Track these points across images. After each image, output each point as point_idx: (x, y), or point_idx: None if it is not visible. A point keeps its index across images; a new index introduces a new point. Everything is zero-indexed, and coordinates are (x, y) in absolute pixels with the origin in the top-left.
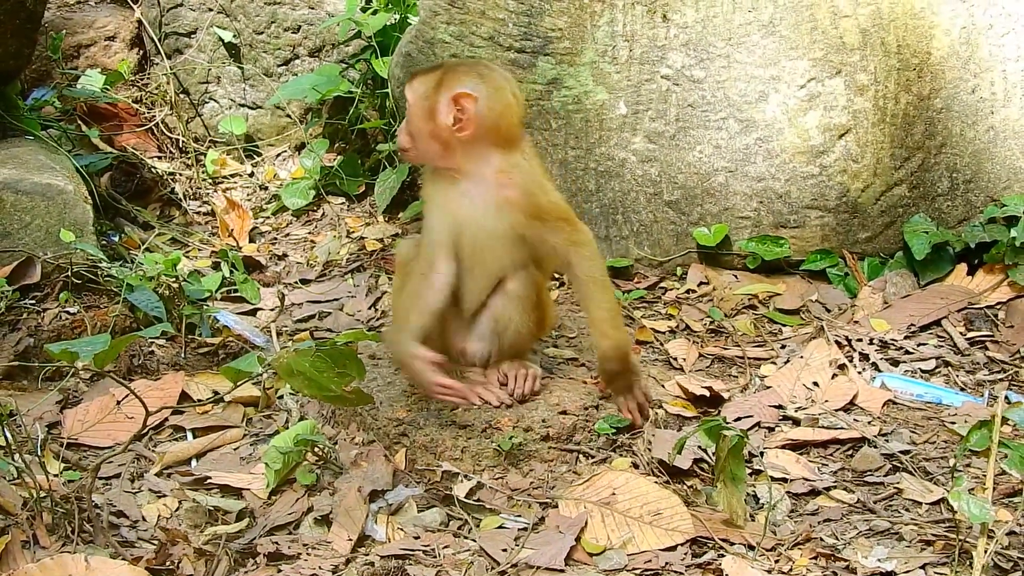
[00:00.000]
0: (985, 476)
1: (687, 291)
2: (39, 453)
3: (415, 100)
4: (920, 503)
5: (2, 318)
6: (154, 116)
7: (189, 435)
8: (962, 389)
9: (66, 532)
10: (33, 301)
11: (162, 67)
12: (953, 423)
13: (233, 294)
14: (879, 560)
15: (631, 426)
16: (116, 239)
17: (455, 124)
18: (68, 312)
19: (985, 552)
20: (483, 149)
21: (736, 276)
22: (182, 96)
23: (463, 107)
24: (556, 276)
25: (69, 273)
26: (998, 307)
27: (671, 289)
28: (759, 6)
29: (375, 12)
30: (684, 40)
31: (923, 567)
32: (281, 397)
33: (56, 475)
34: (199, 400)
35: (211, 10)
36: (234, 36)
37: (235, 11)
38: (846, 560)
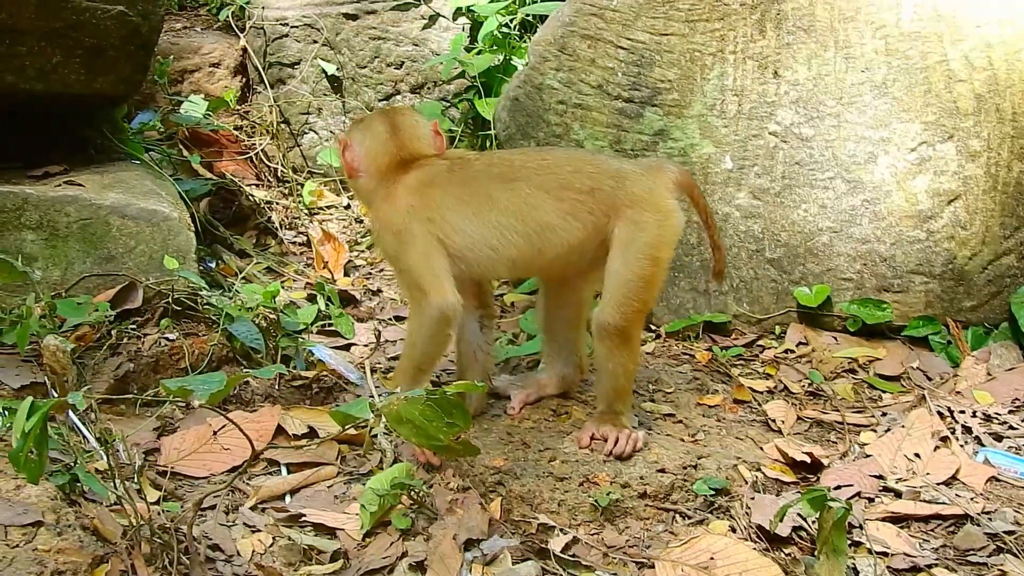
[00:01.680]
0: None
1: (785, 351)
2: (136, 480)
3: None
4: None
5: (103, 342)
6: (254, 144)
7: (284, 470)
8: None
9: (163, 564)
10: (134, 326)
11: (264, 96)
12: None
13: (328, 328)
14: None
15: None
16: (213, 266)
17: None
18: (167, 339)
19: None
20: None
21: (836, 338)
22: (282, 126)
23: (345, 152)
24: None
25: (170, 300)
26: None
27: (769, 348)
28: (872, 67)
29: (480, 52)
30: (794, 97)
31: None
32: (375, 436)
33: (154, 503)
34: (295, 435)
35: (316, 42)
36: (337, 69)
37: (339, 44)
38: None
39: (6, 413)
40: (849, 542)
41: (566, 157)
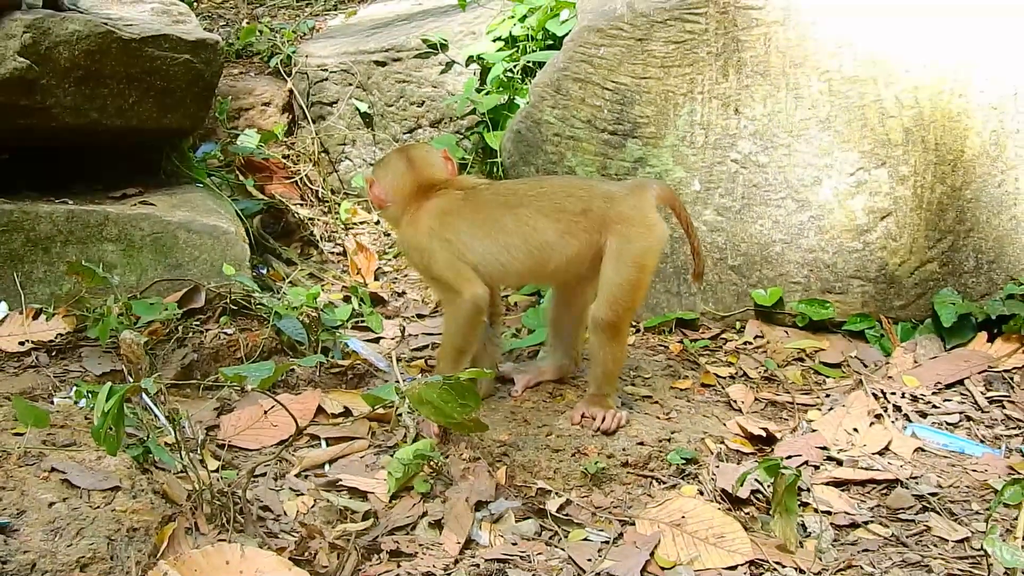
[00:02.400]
0: (1010, 521)
1: (745, 343)
2: (199, 452)
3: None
4: (947, 540)
5: (171, 336)
6: (299, 170)
7: (323, 443)
8: (982, 441)
9: (222, 522)
10: (198, 323)
11: (308, 130)
12: (975, 470)
13: (360, 324)
14: None
15: None
16: (264, 272)
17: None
18: (226, 333)
19: None
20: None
21: (787, 332)
22: (323, 155)
23: (372, 188)
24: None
25: (228, 300)
26: (1014, 371)
27: (731, 340)
28: (818, 105)
29: (488, 93)
30: (752, 130)
31: None
32: (400, 415)
33: (214, 471)
34: (333, 414)
35: (351, 85)
36: (368, 107)
37: (371, 87)
38: None
39: (89, 396)
40: (799, 503)
41: (561, 184)
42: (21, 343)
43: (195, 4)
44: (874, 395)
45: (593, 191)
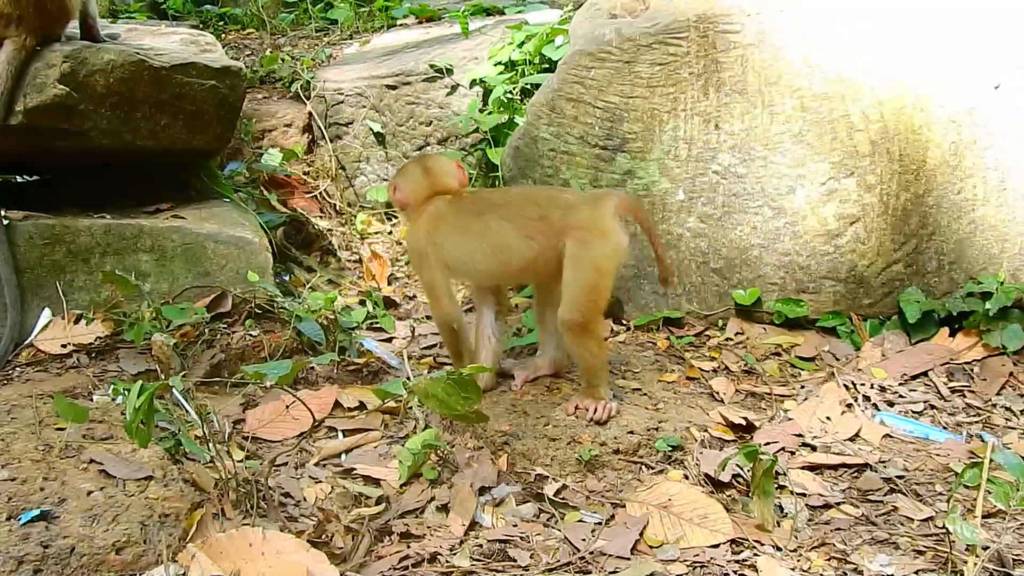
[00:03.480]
0: (970, 501)
1: (726, 339)
2: (226, 444)
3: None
4: (913, 519)
5: (200, 338)
6: (318, 185)
7: (340, 435)
8: (945, 428)
9: (246, 508)
10: (225, 325)
11: (326, 148)
12: (938, 455)
13: (375, 325)
14: (881, 565)
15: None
16: (286, 279)
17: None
18: (251, 335)
19: (975, 566)
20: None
21: (765, 329)
22: (340, 171)
23: (395, 192)
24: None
25: (253, 305)
26: (974, 363)
27: (714, 337)
28: (791, 120)
29: (490, 113)
30: (731, 144)
31: (917, 573)
32: (410, 408)
33: (239, 461)
34: (349, 408)
35: (365, 107)
36: (381, 127)
37: (383, 108)
38: (854, 564)
39: (125, 393)
40: (776, 486)
41: (527, 192)
42: (63, 346)
43: (222, 35)
44: (845, 386)
45: (554, 200)
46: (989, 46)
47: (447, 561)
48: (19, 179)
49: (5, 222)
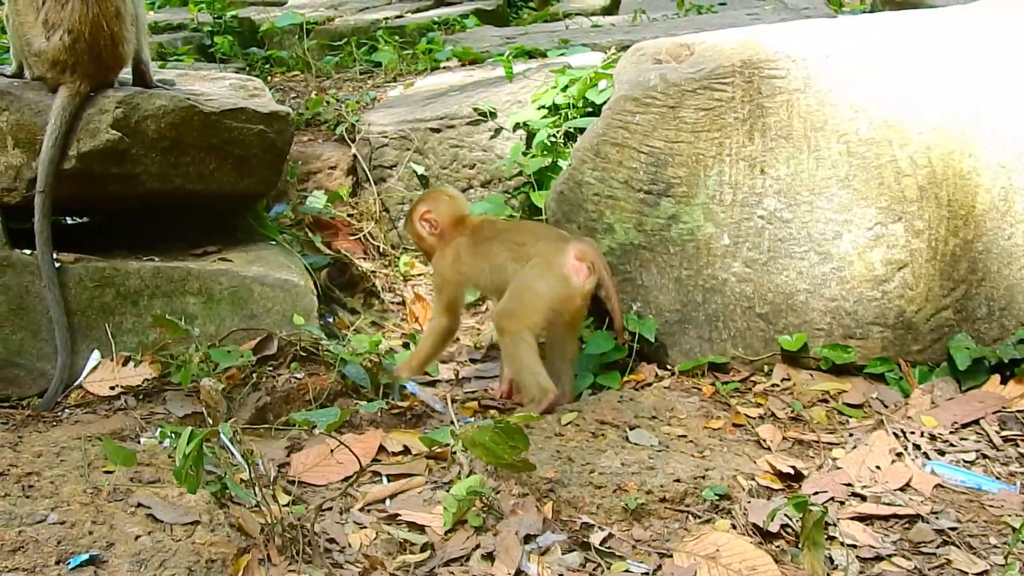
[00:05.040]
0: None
1: (772, 385)
2: (272, 488)
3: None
4: (967, 573)
5: (247, 381)
6: (362, 227)
7: (385, 480)
8: (997, 478)
9: (292, 553)
10: (271, 368)
11: (370, 191)
12: (992, 506)
13: None
14: None
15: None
16: (331, 321)
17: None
18: (296, 378)
19: None
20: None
21: (812, 375)
22: (384, 213)
23: (429, 219)
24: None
25: (298, 348)
26: None
27: (760, 383)
28: (837, 165)
29: (534, 156)
30: (777, 189)
31: None
32: (455, 453)
33: (285, 506)
34: (393, 452)
35: (408, 149)
36: (425, 170)
37: (427, 151)
38: None
39: (173, 436)
40: (826, 536)
41: (523, 225)
42: (111, 388)
43: (268, 78)
44: (895, 434)
45: (537, 233)
46: None
47: None
48: (69, 220)
49: (57, 264)
